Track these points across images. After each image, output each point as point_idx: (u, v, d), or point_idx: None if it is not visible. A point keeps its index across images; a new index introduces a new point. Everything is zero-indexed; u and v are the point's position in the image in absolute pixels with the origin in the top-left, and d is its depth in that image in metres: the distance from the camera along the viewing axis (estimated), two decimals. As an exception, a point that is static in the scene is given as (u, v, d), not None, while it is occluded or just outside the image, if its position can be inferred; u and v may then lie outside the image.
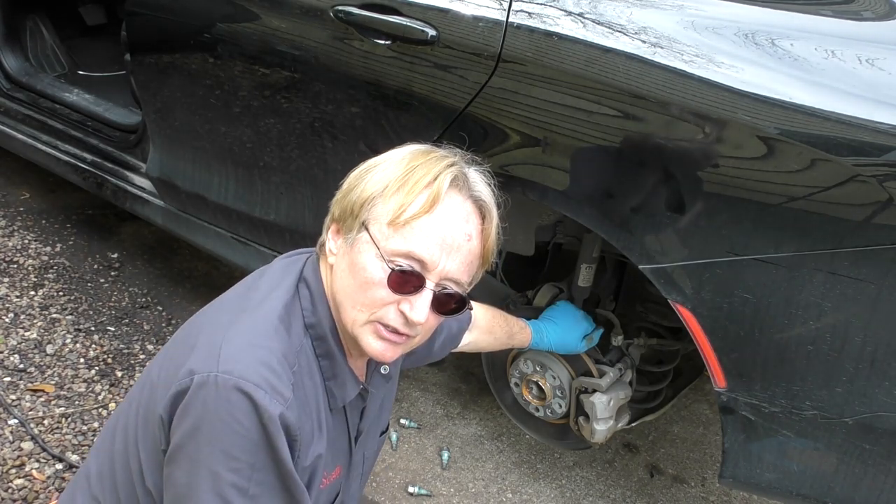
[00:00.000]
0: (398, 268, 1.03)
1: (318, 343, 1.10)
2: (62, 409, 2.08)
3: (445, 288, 1.07)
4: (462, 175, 1.08)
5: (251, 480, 0.98)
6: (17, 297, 2.46)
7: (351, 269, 1.06)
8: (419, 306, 1.04)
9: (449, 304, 1.08)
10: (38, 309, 2.43)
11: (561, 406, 1.81)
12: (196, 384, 0.97)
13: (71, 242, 2.81)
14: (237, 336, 1.02)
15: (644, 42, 1.29)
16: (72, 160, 2.49)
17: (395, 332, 1.06)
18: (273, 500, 1.00)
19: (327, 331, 1.10)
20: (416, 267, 1.04)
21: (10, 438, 1.95)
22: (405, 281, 1.03)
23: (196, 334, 1.08)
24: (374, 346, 1.07)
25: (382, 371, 1.25)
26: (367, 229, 1.05)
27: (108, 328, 2.41)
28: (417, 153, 1.09)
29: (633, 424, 1.86)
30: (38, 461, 1.91)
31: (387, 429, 1.41)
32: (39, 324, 2.37)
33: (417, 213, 1.03)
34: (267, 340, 1.03)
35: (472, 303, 1.59)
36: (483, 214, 1.10)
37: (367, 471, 1.37)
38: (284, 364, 1.02)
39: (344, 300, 1.08)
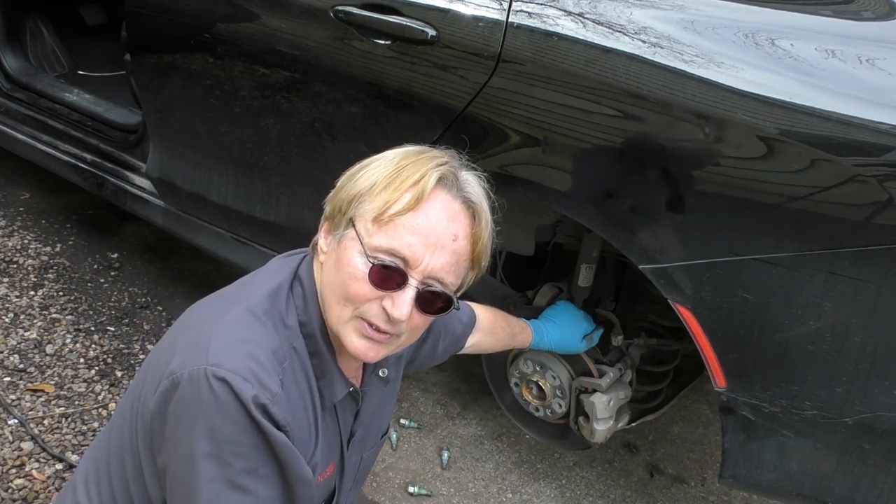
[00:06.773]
0: (379, 263, 1.03)
1: (309, 341, 1.11)
2: (62, 409, 2.08)
3: (430, 286, 1.05)
4: (451, 175, 1.07)
5: (255, 464, 0.99)
6: (17, 297, 2.46)
7: (337, 265, 1.07)
8: (400, 303, 1.03)
9: (435, 304, 1.07)
10: (38, 309, 2.43)
11: (561, 406, 1.81)
12: (186, 378, 0.98)
13: (71, 242, 2.81)
14: (226, 331, 1.03)
15: (644, 42, 1.29)
16: (72, 160, 2.49)
17: (379, 330, 1.06)
18: (276, 484, 1.02)
19: (317, 329, 1.11)
20: (399, 264, 1.03)
21: (10, 438, 1.95)
22: (387, 277, 1.03)
23: (187, 329, 1.09)
24: (357, 343, 1.07)
25: (381, 374, 1.25)
26: (353, 226, 1.06)
27: (108, 328, 2.41)
28: (410, 153, 1.09)
29: (633, 424, 1.86)
30: (38, 461, 1.91)
31: (386, 432, 1.41)
32: (39, 324, 2.37)
33: (401, 211, 1.03)
34: (255, 335, 1.04)
35: (475, 305, 1.59)
36: (473, 215, 1.08)
37: (363, 472, 1.37)
38: (273, 359, 1.03)
39: (330, 296, 1.08)
